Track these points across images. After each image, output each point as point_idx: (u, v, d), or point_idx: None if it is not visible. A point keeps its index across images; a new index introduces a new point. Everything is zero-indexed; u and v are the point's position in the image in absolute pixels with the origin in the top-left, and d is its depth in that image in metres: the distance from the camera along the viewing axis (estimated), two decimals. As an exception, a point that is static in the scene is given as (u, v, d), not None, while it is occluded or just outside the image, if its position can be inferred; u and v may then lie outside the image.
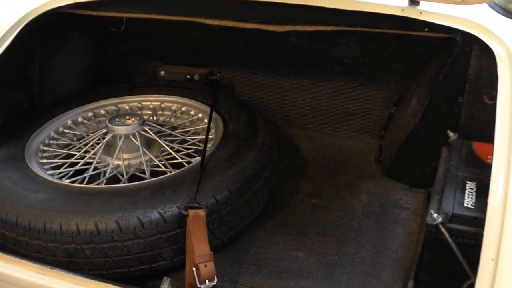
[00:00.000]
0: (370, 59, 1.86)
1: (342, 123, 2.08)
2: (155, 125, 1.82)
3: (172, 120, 1.98)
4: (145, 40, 2.13)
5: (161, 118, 1.99)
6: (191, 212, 1.34)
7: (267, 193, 1.63)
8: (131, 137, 1.71)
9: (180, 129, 1.90)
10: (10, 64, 1.92)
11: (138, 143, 1.69)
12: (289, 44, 1.85)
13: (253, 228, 1.60)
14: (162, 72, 2.16)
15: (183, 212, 1.34)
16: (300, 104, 2.09)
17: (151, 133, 1.73)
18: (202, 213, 1.35)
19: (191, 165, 1.54)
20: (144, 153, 1.69)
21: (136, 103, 2.01)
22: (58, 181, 1.51)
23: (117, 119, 1.78)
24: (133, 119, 1.77)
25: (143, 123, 1.74)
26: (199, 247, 1.30)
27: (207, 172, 1.48)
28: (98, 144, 1.76)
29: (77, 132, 1.89)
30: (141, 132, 1.73)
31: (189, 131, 1.88)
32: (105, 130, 1.76)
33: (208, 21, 1.76)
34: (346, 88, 2.02)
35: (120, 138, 1.70)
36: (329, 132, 2.10)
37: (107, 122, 1.73)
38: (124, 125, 1.73)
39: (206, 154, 1.57)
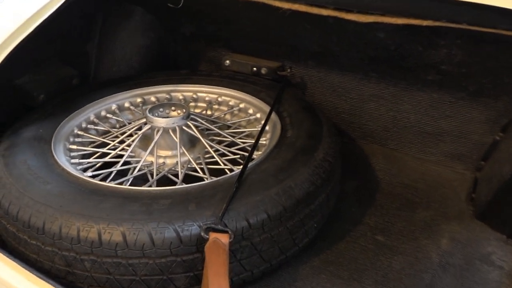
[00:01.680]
0: (476, 68, 1.47)
1: (431, 144, 1.70)
2: (202, 122, 1.56)
3: (227, 117, 1.72)
4: (210, 22, 1.89)
5: (216, 113, 1.74)
6: (212, 236, 1.07)
7: (319, 221, 1.32)
8: (170, 131, 1.47)
9: (233, 129, 1.63)
10: (61, 36, 1.77)
11: (177, 140, 1.44)
12: (375, 41, 1.51)
13: (296, 263, 1.29)
14: (227, 61, 1.90)
15: (203, 234, 1.07)
16: (382, 115, 1.74)
17: (194, 129, 1.47)
18: (225, 239, 1.07)
19: (228, 175, 1.26)
20: (183, 152, 1.44)
21: (191, 94, 1.77)
22: (76, 173, 1.30)
23: (161, 109, 1.55)
24: (179, 111, 1.53)
25: (187, 117, 1.49)
26: (215, 282, 1.02)
27: (245, 187, 1.19)
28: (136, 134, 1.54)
29: (120, 119, 1.69)
30: (184, 127, 1.48)
31: (243, 132, 1.60)
32: (144, 120, 1.53)
33: (277, 3, 1.47)
34: (441, 102, 1.63)
35: (158, 131, 1.47)
36: (412, 153, 1.73)
37: (147, 111, 1.50)
38: (165, 117, 1.49)
39: (251, 164, 1.29)
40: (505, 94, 1.50)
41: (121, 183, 1.33)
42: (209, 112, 1.75)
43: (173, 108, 1.56)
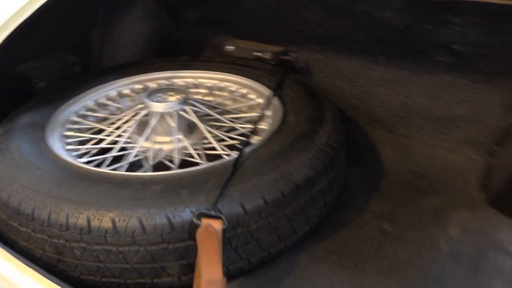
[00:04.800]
0: (492, 48, 1.38)
1: (442, 130, 1.62)
2: (202, 107, 1.51)
3: (229, 103, 1.67)
4: (213, 7, 1.83)
5: (218, 99, 1.69)
6: (205, 222, 1.02)
7: (321, 209, 1.26)
8: (167, 117, 1.42)
9: (234, 115, 1.58)
10: (65, 23, 1.74)
11: (173, 125, 1.40)
12: (383, 21, 1.45)
13: (296, 252, 1.24)
14: (230, 47, 1.84)
15: (195, 220, 1.02)
16: (391, 100, 1.67)
17: (192, 115, 1.43)
18: (218, 225, 1.02)
19: (222, 161, 1.21)
20: (179, 137, 1.40)
21: (192, 80, 1.73)
22: (70, 159, 1.26)
23: (159, 94, 1.50)
24: (177, 96, 1.48)
25: (184, 102, 1.45)
26: (208, 270, 0.98)
27: (240, 172, 1.14)
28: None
29: (120, 106, 1.65)
30: (181, 112, 1.43)
31: (243, 118, 1.55)
32: (141, 106, 1.49)
33: None
34: (454, 85, 1.55)
35: (154, 116, 1.42)
36: (422, 140, 1.65)
37: (144, 96, 1.46)
38: (161, 102, 1.44)
39: (249, 150, 1.23)
40: (523, 75, 1.42)
41: (114, 170, 1.29)
42: (210, 98, 1.70)
43: (171, 93, 1.51)
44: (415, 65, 1.57)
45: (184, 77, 1.72)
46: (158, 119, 1.42)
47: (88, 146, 1.43)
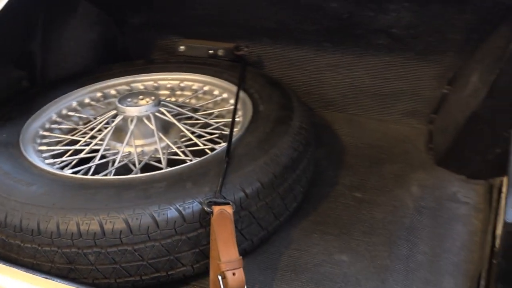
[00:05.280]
0: (422, 29, 1.59)
1: (387, 105, 1.81)
2: (173, 107, 1.57)
3: (193, 101, 1.74)
4: (162, 10, 1.88)
5: (181, 99, 1.75)
6: (216, 209, 1.10)
7: (305, 185, 1.39)
8: (144, 119, 1.47)
9: (202, 112, 1.65)
10: (4, 36, 1.70)
11: (153, 127, 1.45)
12: (328, 12, 1.59)
13: (288, 227, 1.35)
14: (182, 47, 1.91)
15: (206, 209, 1.10)
16: (339, 83, 1.83)
17: (168, 115, 1.49)
18: (229, 210, 1.10)
19: (215, 152, 1.30)
20: (160, 138, 1.45)
21: (152, 82, 1.78)
22: (58, 171, 1.28)
23: (129, 99, 1.54)
24: (147, 99, 1.53)
25: (158, 103, 1.50)
26: (226, 251, 1.06)
27: (235, 160, 1.23)
28: (107, 128, 1.53)
29: (83, 115, 1.66)
30: (157, 114, 1.49)
31: (213, 113, 1.63)
32: (114, 112, 1.52)
33: None
34: (392, 64, 1.75)
35: (131, 121, 1.46)
36: (372, 116, 1.83)
37: (116, 102, 1.49)
38: (136, 106, 1.49)
39: (233, 140, 1.32)
40: (450, 49, 1.63)
41: (106, 176, 1.32)
42: (173, 99, 1.76)
43: (141, 97, 1.55)
44: (358, 49, 1.74)
45: (143, 80, 1.77)
46: (135, 123, 1.46)
47: (68, 157, 1.44)
